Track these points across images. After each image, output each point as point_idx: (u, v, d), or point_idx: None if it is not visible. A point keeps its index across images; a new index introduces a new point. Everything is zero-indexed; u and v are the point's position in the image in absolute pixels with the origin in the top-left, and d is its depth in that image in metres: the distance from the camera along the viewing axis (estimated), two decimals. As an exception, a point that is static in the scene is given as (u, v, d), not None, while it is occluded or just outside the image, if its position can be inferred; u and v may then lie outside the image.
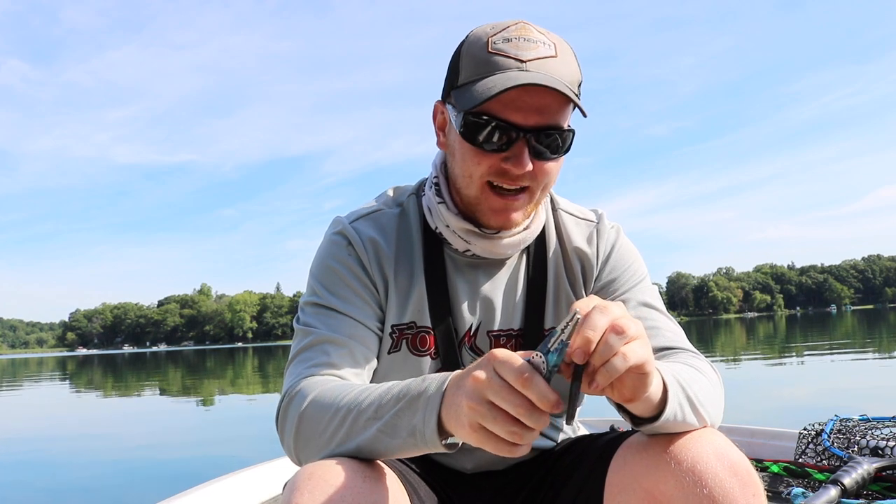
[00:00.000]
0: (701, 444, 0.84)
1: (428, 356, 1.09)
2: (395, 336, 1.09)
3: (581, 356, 0.69)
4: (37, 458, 7.00)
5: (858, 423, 2.25)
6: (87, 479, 5.69)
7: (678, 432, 0.87)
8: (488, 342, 1.11)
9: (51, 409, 12.90)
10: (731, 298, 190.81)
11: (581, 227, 1.17)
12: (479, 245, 1.07)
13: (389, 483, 0.88)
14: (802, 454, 2.20)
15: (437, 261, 1.10)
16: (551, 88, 0.92)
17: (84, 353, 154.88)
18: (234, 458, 6.02)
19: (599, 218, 1.19)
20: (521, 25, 0.98)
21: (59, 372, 33.48)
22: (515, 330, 1.13)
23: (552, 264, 1.15)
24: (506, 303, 1.12)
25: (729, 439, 0.88)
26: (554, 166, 1.00)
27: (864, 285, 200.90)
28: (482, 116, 0.95)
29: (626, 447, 0.94)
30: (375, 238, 1.10)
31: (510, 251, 1.09)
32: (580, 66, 1.01)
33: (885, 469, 1.86)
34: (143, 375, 24.74)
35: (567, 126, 0.99)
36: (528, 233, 1.10)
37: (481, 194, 1.01)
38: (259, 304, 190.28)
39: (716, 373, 1.00)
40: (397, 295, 1.09)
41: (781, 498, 1.97)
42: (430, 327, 1.09)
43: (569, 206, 1.20)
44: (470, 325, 1.11)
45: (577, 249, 1.15)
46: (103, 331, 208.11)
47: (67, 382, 22.72)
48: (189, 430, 8.62)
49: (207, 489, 1.98)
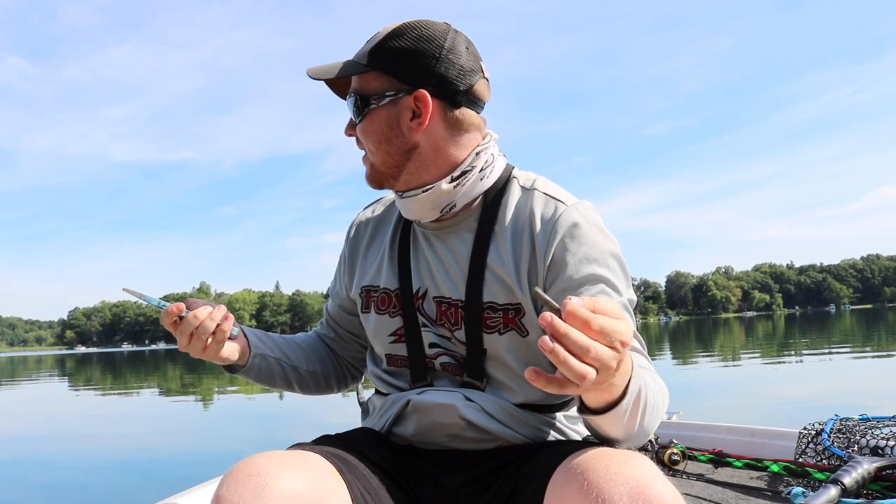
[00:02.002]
0: (617, 480, 0.79)
1: (387, 314, 1.21)
2: (363, 296, 1.26)
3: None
4: (35, 456, 7.00)
5: (858, 423, 2.25)
6: (85, 477, 5.69)
7: (598, 460, 0.83)
8: (435, 308, 1.17)
9: (49, 408, 12.90)
10: (730, 298, 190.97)
11: (548, 208, 1.12)
12: (400, 206, 1.19)
13: (317, 472, 0.93)
14: (802, 454, 2.20)
15: (405, 231, 1.24)
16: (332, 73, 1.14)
17: (83, 350, 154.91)
18: (233, 456, 6.02)
19: (576, 203, 1.11)
20: None
21: (58, 370, 33.48)
22: (454, 299, 1.14)
23: (501, 239, 1.13)
24: (449, 271, 1.16)
25: (660, 470, 0.82)
26: (367, 125, 1.13)
27: (863, 285, 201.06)
28: None
29: (563, 468, 0.89)
30: (368, 218, 1.32)
31: (418, 213, 1.16)
32: (394, 35, 1.12)
33: (886, 468, 1.86)
34: (142, 373, 24.75)
35: (353, 91, 1.14)
36: (430, 196, 1.13)
37: None
38: (258, 303, 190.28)
39: (665, 390, 1.03)
40: (369, 261, 1.28)
41: (781, 497, 1.97)
42: (390, 289, 1.21)
43: (549, 188, 1.15)
44: (419, 288, 1.18)
45: (532, 231, 1.11)
46: (102, 329, 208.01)
47: (66, 380, 22.72)
48: (188, 428, 8.62)
49: (207, 489, 1.97)
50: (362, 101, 1.13)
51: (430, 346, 1.17)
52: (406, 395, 1.17)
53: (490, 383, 1.14)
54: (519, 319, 1.11)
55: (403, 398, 1.16)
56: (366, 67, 1.12)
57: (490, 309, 1.12)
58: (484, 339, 1.13)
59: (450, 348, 1.16)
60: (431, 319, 1.17)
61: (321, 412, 8.61)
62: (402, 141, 1.13)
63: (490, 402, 1.11)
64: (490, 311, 1.12)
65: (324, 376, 1.36)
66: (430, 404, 1.12)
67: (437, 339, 1.17)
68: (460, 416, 1.10)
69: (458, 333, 1.14)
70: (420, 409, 1.14)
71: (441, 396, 1.12)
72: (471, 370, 1.14)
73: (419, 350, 1.18)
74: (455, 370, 1.16)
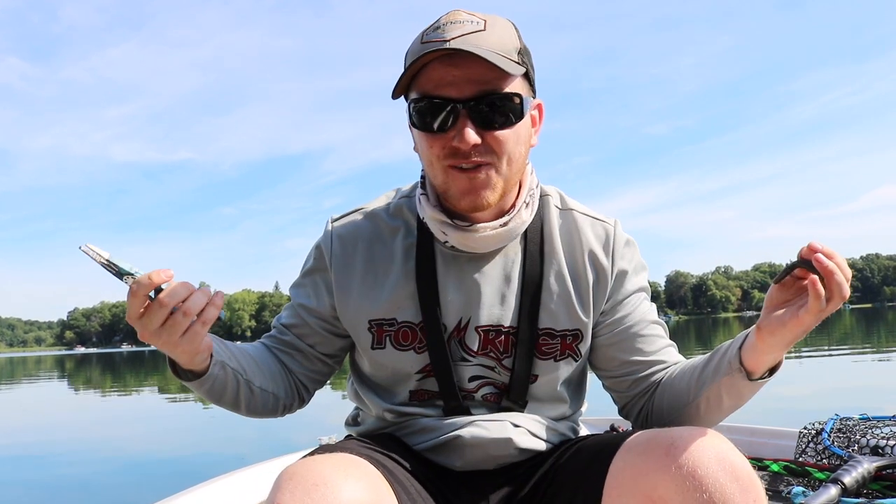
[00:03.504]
0: (702, 448, 0.83)
1: (412, 350, 1.09)
2: (373, 331, 1.10)
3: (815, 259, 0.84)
4: (35, 456, 6.99)
5: (859, 422, 2.25)
6: (85, 477, 5.68)
7: (680, 434, 0.86)
8: (477, 338, 1.08)
9: (49, 408, 12.88)
10: (729, 297, 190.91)
11: (597, 230, 1.14)
12: (454, 237, 1.05)
13: (373, 480, 0.88)
14: (803, 453, 2.20)
15: (426, 255, 1.09)
16: (473, 55, 0.92)
17: (82, 351, 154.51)
18: (233, 457, 6.01)
19: (615, 225, 1.16)
20: (452, 12, 0.99)
21: (58, 370, 33.44)
22: (506, 327, 1.08)
23: (554, 263, 1.10)
24: (496, 298, 1.08)
25: (730, 441, 0.87)
26: (509, 134, 0.98)
27: (863, 284, 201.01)
28: (421, 101, 0.97)
29: (626, 448, 0.93)
30: (354, 233, 1.14)
31: (490, 245, 1.06)
32: (520, 35, 1.01)
33: (886, 468, 1.85)
34: (141, 374, 24.72)
35: (510, 92, 0.97)
36: (509, 229, 1.05)
37: (447, 178, 1.00)
38: (258, 303, 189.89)
39: None
40: (372, 287, 1.10)
41: (782, 497, 1.96)
42: (414, 322, 1.08)
43: (582, 208, 1.16)
44: (460, 319, 1.08)
45: (592, 254, 1.12)
46: (102, 329, 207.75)
47: (66, 381, 22.69)
48: (188, 428, 8.62)
49: (206, 488, 1.97)
50: (521, 103, 0.99)
51: (469, 379, 1.10)
52: (448, 426, 1.08)
53: (529, 402, 1.13)
54: (576, 345, 1.11)
55: (447, 430, 1.08)
56: (522, 67, 0.98)
57: (547, 335, 1.09)
58: (536, 366, 1.09)
59: (493, 378, 1.11)
60: (473, 351, 1.09)
61: (320, 413, 8.59)
62: (527, 154, 1.05)
63: (533, 423, 1.11)
64: (547, 338, 1.09)
65: (274, 396, 1.15)
66: (484, 440, 1.06)
67: (479, 371, 1.10)
68: (515, 446, 1.08)
69: (505, 361, 1.09)
70: (471, 444, 1.06)
71: (492, 429, 1.07)
72: (513, 395, 1.10)
73: (453, 385, 1.09)
74: (496, 398, 1.12)
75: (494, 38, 0.95)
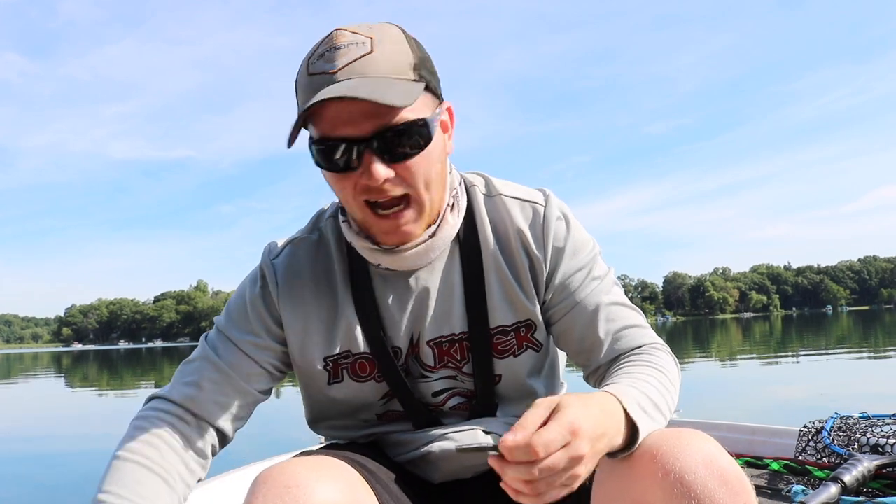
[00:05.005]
0: (689, 453, 0.80)
1: (372, 380, 1.07)
2: (329, 368, 1.07)
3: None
4: (32, 454, 6.98)
5: (858, 421, 2.25)
6: (83, 476, 5.66)
7: (666, 438, 0.84)
8: (431, 352, 1.05)
9: (46, 405, 12.87)
10: (727, 299, 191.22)
11: (526, 211, 1.07)
12: (385, 260, 1.00)
13: (351, 482, 0.87)
14: (803, 452, 2.20)
15: (361, 280, 1.05)
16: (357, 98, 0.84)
17: (79, 348, 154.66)
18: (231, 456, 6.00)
19: (547, 199, 1.07)
20: (335, 33, 0.91)
21: (55, 367, 33.42)
22: (457, 334, 1.05)
23: (491, 257, 1.05)
24: (443, 308, 1.05)
25: (729, 440, 0.85)
26: (420, 161, 0.91)
27: (860, 286, 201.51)
28: (321, 143, 0.91)
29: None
30: (297, 267, 1.08)
31: (423, 260, 1.01)
32: (417, 44, 0.95)
33: (886, 466, 1.86)
34: (138, 371, 24.69)
35: (412, 118, 0.89)
36: (438, 238, 1.01)
37: (367, 217, 0.95)
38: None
39: (676, 365, 1.01)
40: (323, 326, 1.06)
41: (782, 495, 1.96)
42: (367, 352, 1.05)
43: (511, 189, 1.09)
44: (410, 336, 1.05)
45: (523, 238, 1.05)
46: (99, 326, 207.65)
47: (63, 378, 22.67)
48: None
49: (205, 488, 1.96)
50: (427, 125, 0.91)
51: (434, 394, 1.08)
52: (418, 441, 1.08)
53: (500, 404, 1.11)
54: (531, 335, 1.08)
55: (417, 444, 1.07)
56: (420, 82, 0.91)
57: (501, 333, 1.06)
58: (497, 365, 1.07)
59: (457, 387, 1.09)
60: (430, 367, 1.07)
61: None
62: (444, 167, 0.98)
63: (506, 425, 1.07)
64: (501, 336, 1.06)
65: (186, 485, 1.05)
66: (454, 452, 1.04)
67: (443, 385, 1.08)
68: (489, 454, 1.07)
69: (465, 368, 1.07)
70: (443, 458, 1.06)
71: (462, 440, 1.05)
72: (481, 399, 1.09)
73: (418, 404, 1.08)
74: (465, 406, 1.10)
75: (383, 59, 0.89)
